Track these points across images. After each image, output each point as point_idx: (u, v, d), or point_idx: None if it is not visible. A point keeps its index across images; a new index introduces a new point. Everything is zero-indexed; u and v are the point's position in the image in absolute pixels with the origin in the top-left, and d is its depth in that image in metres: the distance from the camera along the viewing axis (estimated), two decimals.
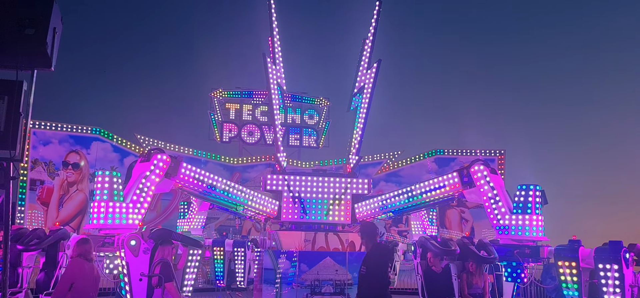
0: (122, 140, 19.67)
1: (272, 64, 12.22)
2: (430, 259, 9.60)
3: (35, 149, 17.99)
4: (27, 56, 4.70)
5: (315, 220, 11.51)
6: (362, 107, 12.13)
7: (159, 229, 9.27)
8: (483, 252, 9.46)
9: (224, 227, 21.32)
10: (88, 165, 18.62)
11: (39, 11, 4.61)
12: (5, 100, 4.61)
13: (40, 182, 17.95)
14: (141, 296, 8.77)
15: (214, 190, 10.82)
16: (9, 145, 4.57)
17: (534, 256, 9.96)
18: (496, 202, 10.39)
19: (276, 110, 12.44)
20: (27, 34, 4.56)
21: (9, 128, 4.56)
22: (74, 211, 18.17)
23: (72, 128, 18.70)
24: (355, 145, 12.14)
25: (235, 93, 24.39)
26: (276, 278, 10.49)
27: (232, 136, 23.83)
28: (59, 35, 4.85)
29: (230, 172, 21.98)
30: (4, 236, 4.84)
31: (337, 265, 10.67)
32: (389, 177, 22.34)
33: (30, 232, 9.25)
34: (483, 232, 19.02)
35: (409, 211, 12.71)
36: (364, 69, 12.28)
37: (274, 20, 12.46)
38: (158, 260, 8.94)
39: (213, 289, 17.08)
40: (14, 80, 4.65)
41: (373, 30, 12.36)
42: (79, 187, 18.41)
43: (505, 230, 10.23)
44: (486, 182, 10.50)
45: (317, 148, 24.67)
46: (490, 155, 21.45)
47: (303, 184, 11.57)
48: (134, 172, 10.13)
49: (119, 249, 8.84)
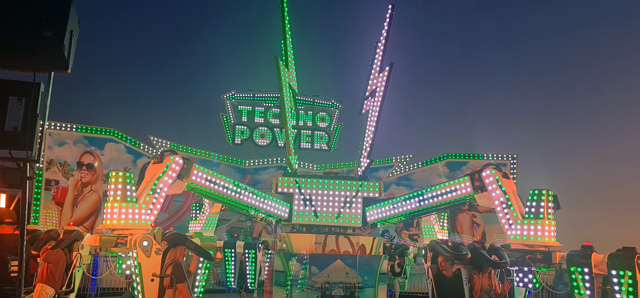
0: (135, 141, 19.86)
1: (284, 66, 12.27)
2: (441, 263, 9.58)
3: (50, 150, 18.22)
4: (45, 58, 4.77)
5: (326, 222, 11.52)
6: (373, 110, 12.14)
7: (173, 233, 9.36)
8: (494, 256, 9.43)
9: (235, 229, 21.41)
10: (102, 166, 18.82)
11: (56, 14, 4.69)
12: (23, 102, 4.70)
13: (55, 182, 18.18)
14: (153, 296, 8.85)
15: (226, 192, 10.88)
16: (25, 145, 4.65)
17: (546, 261, 9.90)
18: (508, 206, 10.35)
19: (288, 112, 12.49)
20: (44, 36, 4.63)
21: (26, 129, 4.64)
22: (87, 211, 18.37)
23: (86, 129, 18.92)
24: (367, 149, 12.15)
25: (247, 96, 24.52)
26: (287, 281, 10.52)
27: (244, 138, 23.94)
28: (75, 38, 4.93)
29: (242, 174, 22.09)
30: (20, 235, 4.93)
31: (348, 268, 10.68)
32: (400, 180, 22.30)
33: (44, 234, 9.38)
34: (495, 236, 18.90)
35: (420, 215, 12.69)
36: (376, 73, 12.28)
37: (287, 23, 12.51)
38: (170, 261, 9.02)
39: (224, 290, 17.17)
40: (32, 82, 4.73)
41: (385, 34, 12.37)
42: (93, 187, 18.61)
43: (517, 235, 10.18)
44: (498, 186, 10.46)
45: (328, 151, 24.72)
46: (502, 159, 21.33)
47: (314, 187, 11.60)
48: (147, 173, 10.24)
49: (132, 249, 8.93)
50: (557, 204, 10.47)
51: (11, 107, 4.67)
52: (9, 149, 4.67)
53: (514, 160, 21.41)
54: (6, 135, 4.63)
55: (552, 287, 11.10)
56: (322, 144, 24.50)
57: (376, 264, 10.86)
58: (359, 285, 10.62)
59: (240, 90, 24.61)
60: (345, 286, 10.59)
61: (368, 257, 11.06)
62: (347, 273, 10.64)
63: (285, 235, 11.18)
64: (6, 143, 4.64)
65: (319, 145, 24.49)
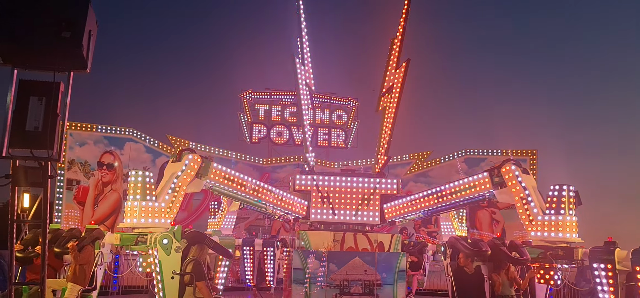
0: (154, 140, 20.05)
1: (300, 64, 12.27)
2: (462, 260, 9.50)
3: (71, 150, 18.49)
4: (64, 58, 4.83)
5: (344, 220, 11.49)
6: (390, 107, 12.06)
7: (193, 231, 9.43)
8: (515, 253, 9.33)
9: (253, 227, 21.51)
10: (121, 166, 19.05)
11: (75, 14, 4.74)
12: (43, 101, 4.76)
13: (77, 181, 18.45)
14: (173, 294, 8.93)
15: (244, 190, 10.92)
16: (46, 144, 4.71)
17: (567, 258, 9.75)
18: (528, 202, 10.21)
19: (305, 110, 12.48)
20: (63, 36, 4.68)
21: (47, 128, 4.71)
22: (108, 210, 18.61)
23: (106, 129, 19.17)
24: (384, 146, 12.08)
25: (264, 94, 24.61)
26: (305, 278, 10.52)
27: (261, 136, 24.02)
28: (94, 38, 4.98)
29: (260, 172, 22.16)
30: (42, 233, 5.00)
31: (366, 265, 10.64)
32: (418, 177, 22.18)
33: (66, 233, 9.53)
34: (514, 233, 18.70)
35: (438, 211, 12.59)
36: (393, 69, 12.21)
37: (303, 21, 12.51)
38: (190, 259, 9.10)
39: (242, 288, 17.26)
40: (52, 81, 4.79)
41: (402, 30, 12.29)
42: (113, 186, 18.85)
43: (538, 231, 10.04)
44: (518, 182, 10.32)
45: (345, 148, 24.67)
46: (521, 155, 21.08)
47: (332, 184, 11.58)
48: (166, 172, 10.31)
49: (152, 248, 9.01)
50: (579, 200, 10.31)
51: (32, 106, 4.74)
52: (30, 149, 4.74)
53: (533, 155, 21.15)
54: (27, 134, 4.70)
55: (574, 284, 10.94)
56: (339, 142, 24.48)
57: (395, 261, 10.81)
58: (378, 282, 10.58)
59: (257, 89, 24.70)
60: (363, 283, 10.56)
61: (386, 254, 11.01)
62: (366, 271, 10.61)
63: (303, 233, 11.18)
64: (27, 142, 4.71)
65: (336, 143, 24.46)
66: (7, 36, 4.65)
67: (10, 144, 4.70)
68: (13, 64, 4.81)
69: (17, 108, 4.74)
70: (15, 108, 4.72)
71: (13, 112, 4.70)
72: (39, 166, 4.83)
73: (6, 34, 4.65)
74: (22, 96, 4.78)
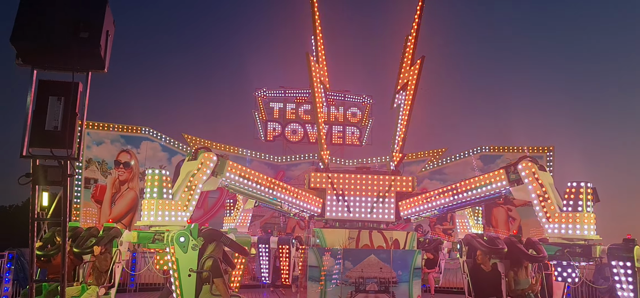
0: (170, 139, 20.22)
1: (315, 62, 12.27)
2: (479, 257, 9.45)
3: (89, 149, 18.72)
4: (82, 58, 4.90)
5: (359, 217, 11.49)
6: (405, 104, 12.02)
7: (209, 229, 9.50)
8: (532, 250, 9.25)
9: (269, 225, 21.58)
10: (138, 164, 19.24)
11: (92, 15, 4.81)
12: (62, 101, 4.83)
13: (94, 180, 18.68)
14: (190, 291, 9.00)
15: (259, 188, 10.97)
16: (66, 144, 4.79)
17: (585, 255, 9.65)
18: (545, 199, 10.11)
19: (319, 108, 12.49)
20: (81, 37, 4.75)
21: (66, 127, 4.78)
22: (125, 208, 18.81)
23: (123, 128, 19.37)
24: (399, 143, 12.05)
25: (278, 92, 24.66)
26: (320, 276, 10.54)
27: (276, 134, 24.08)
28: (111, 38, 5.04)
29: (275, 171, 22.22)
30: (62, 231, 5.07)
31: (382, 263, 10.63)
32: (433, 174, 22.07)
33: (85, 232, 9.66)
34: (531, 231, 18.52)
35: (454, 209, 12.52)
36: (407, 66, 12.16)
37: (317, 19, 12.51)
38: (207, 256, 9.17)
39: (258, 286, 17.34)
40: (71, 81, 4.86)
41: (416, 27, 12.23)
42: (130, 185, 19.04)
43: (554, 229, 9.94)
44: (534, 179, 10.23)
45: (360, 145, 24.64)
46: (538, 151, 20.85)
47: (347, 182, 11.58)
48: (182, 171, 10.39)
49: (169, 246, 9.09)
50: (596, 197, 10.19)
51: (51, 106, 4.81)
52: (50, 148, 4.81)
53: (550, 152, 20.92)
54: (47, 134, 4.78)
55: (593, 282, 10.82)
56: (354, 139, 24.45)
57: (410, 259, 10.79)
58: (394, 280, 10.56)
59: (271, 87, 24.76)
60: (379, 281, 10.55)
61: (402, 251, 10.99)
62: (381, 268, 10.59)
63: (318, 230, 11.20)
64: (47, 142, 4.79)
65: (351, 140, 24.44)
66: (27, 37, 4.73)
67: (30, 143, 4.78)
68: (32, 64, 4.89)
69: (37, 108, 4.83)
70: (34, 108, 4.80)
71: (33, 112, 4.78)
72: (58, 165, 4.90)
73: (26, 35, 4.73)
74: (42, 96, 4.86)
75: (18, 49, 4.80)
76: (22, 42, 4.74)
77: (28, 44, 4.77)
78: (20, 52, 4.83)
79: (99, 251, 9.04)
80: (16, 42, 4.72)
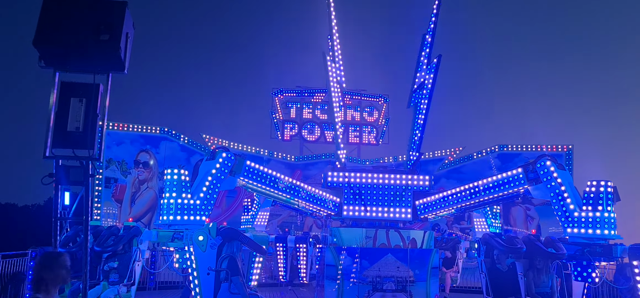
0: (188, 139, 20.41)
1: (331, 62, 12.30)
2: (498, 257, 9.41)
3: (109, 149, 18.98)
4: (102, 60, 5.00)
5: (376, 216, 11.49)
6: (422, 103, 11.98)
7: (228, 228, 9.59)
8: (551, 249, 9.18)
9: (286, 224, 21.64)
10: (157, 164, 19.45)
11: (112, 18, 4.91)
12: (84, 102, 4.94)
13: (114, 180, 18.94)
14: (209, 290, 9.11)
15: (277, 187, 11.03)
16: (87, 144, 4.89)
17: (605, 255, 9.53)
18: (564, 198, 10.01)
19: (336, 107, 12.51)
20: (102, 39, 4.85)
21: (88, 128, 4.89)
22: (145, 208, 19.04)
23: (142, 128, 19.61)
24: (416, 142, 12.02)
25: (296, 90, 24.73)
26: (338, 274, 10.57)
27: (293, 134, 24.16)
28: (131, 40, 5.14)
29: (292, 170, 22.28)
30: (84, 230, 5.18)
31: (399, 261, 10.62)
32: (450, 173, 21.91)
33: (105, 231, 9.83)
34: (550, 230, 18.32)
35: (471, 208, 12.44)
36: (424, 65, 12.13)
37: (333, 19, 12.54)
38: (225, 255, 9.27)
39: (276, 284, 17.43)
40: (92, 83, 4.97)
41: (433, 25, 12.19)
42: (149, 184, 19.27)
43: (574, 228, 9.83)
44: (553, 177, 10.13)
45: (376, 145, 24.60)
46: (556, 150, 20.58)
47: (363, 181, 11.58)
48: (201, 170, 10.49)
49: (188, 244, 9.20)
50: (617, 196, 10.06)
51: (73, 108, 4.92)
52: (72, 148, 4.92)
53: (569, 151, 20.65)
54: (69, 135, 4.89)
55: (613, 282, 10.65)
56: (371, 138, 24.41)
57: (427, 258, 10.76)
58: (411, 279, 10.55)
59: (288, 87, 24.85)
60: (396, 280, 10.54)
61: (419, 250, 10.96)
62: (398, 267, 10.59)
63: (335, 229, 11.23)
64: (69, 143, 4.90)
65: (367, 140, 24.41)
66: (49, 40, 4.84)
67: (52, 144, 4.89)
68: (55, 67, 5.01)
69: (59, 109, 4.94)
70: (57, 109, 4.91)
71: (55, 113, 4.89)
72: (80, 165, 5.01)
73: (48, 38, 4.84)
74: (64, 98, 4.97)
75: (41, 51, 4.91)
76: (44, 45, 4.86)
77: (50, 46, 4.88)
78: (43, 55, 4.95)
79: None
80: (39, 45, 4.84)
